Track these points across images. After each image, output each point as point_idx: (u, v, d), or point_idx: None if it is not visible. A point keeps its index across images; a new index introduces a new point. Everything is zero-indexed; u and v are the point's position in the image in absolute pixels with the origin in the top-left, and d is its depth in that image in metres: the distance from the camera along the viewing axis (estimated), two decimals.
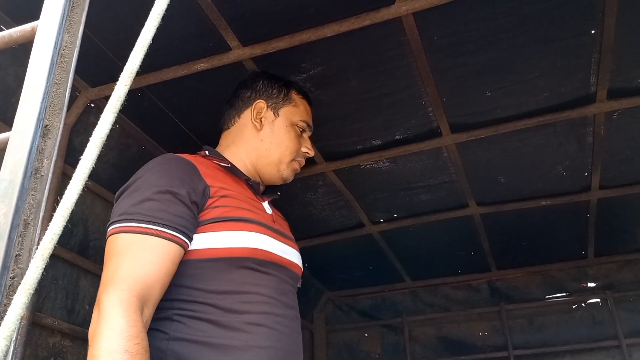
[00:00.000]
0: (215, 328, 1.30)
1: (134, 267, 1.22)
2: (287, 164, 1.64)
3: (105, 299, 1.16)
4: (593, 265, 3.46)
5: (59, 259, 1.84)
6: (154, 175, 1.39)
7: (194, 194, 1.36)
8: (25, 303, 0.59)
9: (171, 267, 1.28)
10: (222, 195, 1.43)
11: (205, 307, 1.32)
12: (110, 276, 1.21)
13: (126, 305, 1.15)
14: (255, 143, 1.64)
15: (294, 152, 1.64)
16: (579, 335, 3.38)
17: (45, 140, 0.70)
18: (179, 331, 1.29)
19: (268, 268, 1.43)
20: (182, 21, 1.65)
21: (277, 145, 1.63)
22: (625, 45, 1.79)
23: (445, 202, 2.75)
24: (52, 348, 1.80)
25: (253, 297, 1.37)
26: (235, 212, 1.43)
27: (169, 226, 1.28)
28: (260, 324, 1.34)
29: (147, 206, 1.30)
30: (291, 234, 1.70)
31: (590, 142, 2.26)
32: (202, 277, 1.35)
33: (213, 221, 1.38)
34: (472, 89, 1.98)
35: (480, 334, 3.60)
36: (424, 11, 1.62)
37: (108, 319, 1.12)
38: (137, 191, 1.34)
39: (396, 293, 3.86)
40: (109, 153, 2.03)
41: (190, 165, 1.45)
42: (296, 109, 1.68)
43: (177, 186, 1.34)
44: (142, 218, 1.28)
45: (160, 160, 1.45)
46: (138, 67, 0.69)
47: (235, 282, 1.36)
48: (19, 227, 0.65)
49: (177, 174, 1.39)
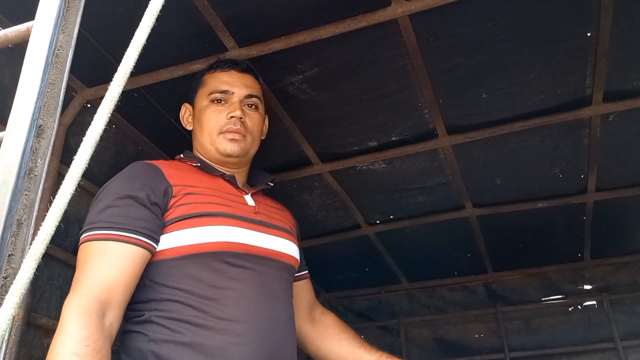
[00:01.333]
0: (192, 327, 1.32)
1: (93, 272, 1.27)
2: (216, 139, 1.62)
3: (65, 306, 1.21)
4: (589, 268, 3.46)
5: (54, 259, 1.84)
6: (116, 182, 1.45)
7: (154, 195, 1.40)
8: (17, 303, 0.59)
9: (134, 270, 1.31)
10: (187, 192, 1.46)
11: (180, 307, 1.34)
12: (73, 284, 1.28)
13: (80, 310, 1.19)
14: (195, 139, 1.71)
15: (216, 126, 1.63)
16: (575, 338, 3.38)
17: (39, 140, 0.70)
18: (157, 332, 1.32)
19: (245, 261, 1.44)
20: (178, 22, 1.65)
21: (201, 131, 1.66)
22: (621, 47, 1.79)
23: (441, 204, 2.75)
24: (46, 348, 1.77)
25: (229, 293, 1.38)
26: (201, 207, 1.44)
27: (129, 229, 1.33)
28: (236, 320, 1.35)
29: (109, 213, 1.36)
30: (287, 225, 1.70)
31: (586, 145, 2.26)
32: (174, 276, 1.37)
33: (178, 219, 1.41)
34: (468, 90, 1.98)
35: (476, 336, 3.60)
36: (420, 13, 1.62)
37: (62, 324, 1.18)
38: (101, 200, 1.41)
39: (392, 294, 3.85)
40: (105, 153, 2.03)
41: (153, 168, 1.49)
42: (205, 88, 1.69)
43: (137, 190, 1.39)
44: (103, 225, 1.34)
45: (126, 169, 1.51)
46: (132, 67, 0.69)
47: (208, 278, 1.38)
48: (12, 227, 0.65)
49: (138, 178, 1.44)
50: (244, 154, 1.64)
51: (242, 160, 1.67)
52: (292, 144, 2.22)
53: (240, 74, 1.69)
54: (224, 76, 1.68)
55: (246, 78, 1.70)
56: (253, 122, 1.67)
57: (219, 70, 1.69)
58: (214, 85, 1.67)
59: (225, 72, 1.68)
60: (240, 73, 1.69)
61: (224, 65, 1.69)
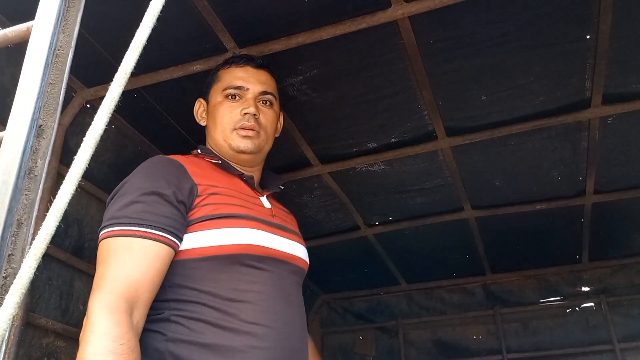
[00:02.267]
0: (213, 329, 1.30)
1: (120, 270, 1.24)
2: (229, 136, 1.60)
3: (92, 304, 1.18)
4: (587, 270, 3.47)
5: (54, 259, 1.84)
6: (140, 178, 1.41)
7: (180, 194, 1.37)
8: (17, 302, 0.59)
9: (160, 268, 1.29)
10: (211, 192, 1.43)
11: (201, 308, 1.32)
12: (98, 281, 1.23)
13: (111, 308, 1.16)
14: (208, 134, 1.69)
15: (230, 122, 1.60)
16: (573, 339, 3.39)
17: (39, 140, 0.70)
18: (176, 332, 1.29)
19: (265, 264, 1.42)
20: (178, 22, 1.65)
21: (214, 127, 1.64)
22: (620, 50, 1.80)
23: (440, 206, 2.75)
24: (45, 348, 1.79)
25: (250, 295, 1.36)
26: (225, 208, 1.42)
27: (156, 227, 1.29)
28: (258, 323, 1.33)
29: (134, 209, 1.32)
30: (296, 228, 1.69)
31: (585, 147, 2.27)
32: (196, 277, 1.35)
33: (203, 219, 1.38)
34: (467, 93, 1.98)
35: (474, 338, 3.61)
36: (420, 15, 1.63)
37: (93, 322, 1.14)
38: (124, 195, 1.36)
39: (391, 296, 3.86)
40: (104, 154, 2.03)
41: (177, 165, 1.46)
42: (219, 84, 1.66)
43: (163, 187, 1.36)
44: (128, 221, 1.29)
45: (147, 163, 1.47)
46: (132, 68, 0.69)
47: (230, 280, 1.36)
48: (12, 226, 0.65)
49: (163, 175, 1.40)
50: (257, 150, 1.61)
51: (255, 158, 1.64)
52: (291, 145, 2.22)
53: (256, 70, 1.67)
54: (239, 72, 1.65)
55: (261, 74, 1.67)
56: (267, 119, 1.64)
57: (234, 65, 1.67)
58: (228, 81, 1.64)
59: (241, 67, 1.66)
60: (255, 69, 1.67)
61: (240, 61, 1.67)
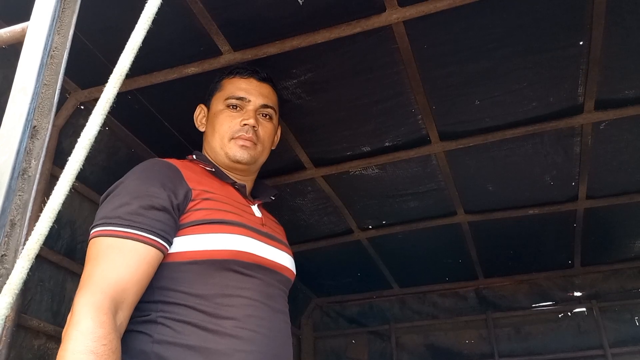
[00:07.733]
0: (200, 331, 1.30)
1: (108, 270, 1.24)
2: (227, 144, 1.62)
3: (77, 302, 1.17)
4: (579, 275, 3.49)
5: (46, 260, 1.83)
6: (135, 179, 1.41)
7: (175, 198, 1.38)
8: (10, 303, 0.59)
9: (148, 270, 1.29)
10: (205, 198, 1.44)
11: (188, 311, 1.32)
12: (85, 279, 1.23)
13: (96, 308, 1.16)
14: (206, 140, 1.71)
15: (229, 131, 1.63)
16: (565, 344, 3.40)
17: (33, 141, 0.70)
18: (163, 334, 1.30)
19: (253, 271, 1.43)
20: (173, 25, 1.65)
21: (213, 134, 1.66)
22: (613, 57, 1.81)
23: (433, 210, 2.76)
24: (37, 350, 1.78)
25: (237, 300, 1.37)
26: (217, 214, 1.44)
27: (147, 230, 1.30)
28: (244, 328, 1.34)
29: (126, 210, 1.32)
30: (284, 239, 1.70)
31: (577, 152, 2.28)
32: (184, 280, 1.35)
33: (194, 224, 1.39)
34: (461, 97, 1.99)
35: (467, 342, 3.61)
36: (414, 20, 1.64)
37: (77, 320, 1.14)
38: (118, 196, 1.37)
39: (384, 300, 3.86)
40: (98, 155, 2.02)
41: (173, 169, 1.47)
42: (222, 92, 1.70)
43: (158, 190, 1.36)
44: (120, 222, 1.30)
45: (143, 165, 1.48)
46: (127, 69, 0.69)
47: (218, 285, 1.37)
48: (5, 227, 0.64)
49: (159, 178, 1.40)
50: (253, 161, 1.64)
51: (249, 168, 1.67)
52: (285, 148, 2.22)
53: (259, 82, 1.70)
54: (243, 83, 1.69)
55: (264, 87, 1.71)
56: (265, 132, 1.67)
57: (238, 76, 1.70)
58: (231, 91, 1.68)
59: (245, 79, 1.69)
60: (258, 82, 1.70)
61: (244, 72, 1.70)
